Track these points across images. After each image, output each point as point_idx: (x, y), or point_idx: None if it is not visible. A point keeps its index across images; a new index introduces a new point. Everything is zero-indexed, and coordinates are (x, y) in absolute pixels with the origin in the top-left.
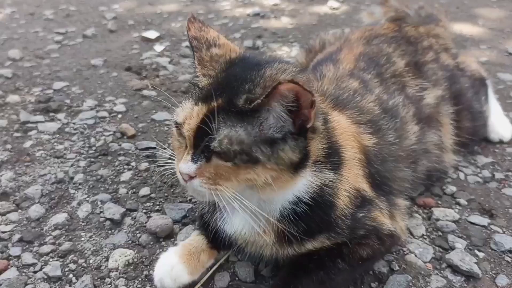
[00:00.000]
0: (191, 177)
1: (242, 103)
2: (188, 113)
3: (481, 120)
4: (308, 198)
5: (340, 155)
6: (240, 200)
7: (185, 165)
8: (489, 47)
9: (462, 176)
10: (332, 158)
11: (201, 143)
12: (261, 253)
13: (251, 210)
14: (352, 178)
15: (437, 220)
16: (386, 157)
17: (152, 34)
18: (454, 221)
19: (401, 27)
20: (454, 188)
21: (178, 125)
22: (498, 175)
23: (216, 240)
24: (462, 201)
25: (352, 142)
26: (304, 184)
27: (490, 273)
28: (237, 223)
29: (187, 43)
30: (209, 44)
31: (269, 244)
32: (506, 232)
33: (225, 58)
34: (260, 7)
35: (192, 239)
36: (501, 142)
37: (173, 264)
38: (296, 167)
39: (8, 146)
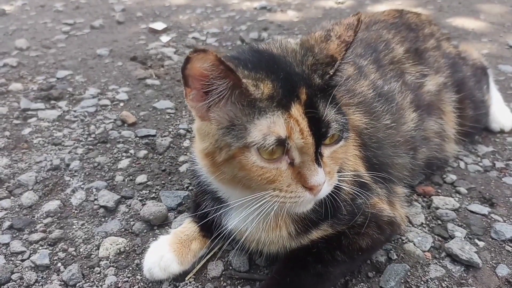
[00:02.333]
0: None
1: (319, 80)
2: (291, 120)
3: (483, 109)
4: None
5: None
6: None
7: (318, 176)
8: (490, 40)
9: (462, 165)
10: None
11: (321, 139)
12: (263, 250)
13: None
14: (352, 159)
15: (437, 208)
16: (382, 140)
17: (159, 25)
18: (454, 210)
19: (402, 14)
20: (454, 177)
21: (282, 142)
22: (499, 164)
23: (212, 231)
24: (462, 190)
25: None
26: None
27: (491, 262)
28: (241, 218)
29: (193, 35)
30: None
31: (284, 239)
32: (506, 221)
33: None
34: (267, 1)
35: (184, 227)
36: (502, 131)
37: (162, 253)
38: None
39: (7, 133)
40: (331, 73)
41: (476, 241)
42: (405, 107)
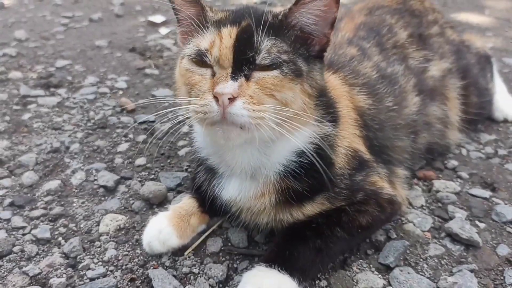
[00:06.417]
0: (232, 100)
1: (271, 19)
2: (216, 36)
3: (487, 96)
4: (311, 149)
5: (336, 109)
6: (281, 123)
7: (226, 84)
8: (495, 34)
9: (464, 152)
10: (330, 109)
11: (242, 58)
12: (257, 221)
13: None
14: (349, 137)
15: (437, 191)
16: (384, 122)
17: (158, 18)
18: (454, 193)
19: (406, 0)
20: (456, 163)
21: (201, 54)
22: (501, 152)
23: (211, 207)
24: (464, 175)
25: (346, 101)
26: (308, 135)
27: (491, 243)
28: (234, 188)
29: None
30: None
31: (267, 208)
32: (508, 204)
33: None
34: None
35: (183, 202)
36: (505, 120)
37: (161, 227)
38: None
39: (7, 118)
40: (280, 17)
41: (477, 222)
42: (408, 90)
